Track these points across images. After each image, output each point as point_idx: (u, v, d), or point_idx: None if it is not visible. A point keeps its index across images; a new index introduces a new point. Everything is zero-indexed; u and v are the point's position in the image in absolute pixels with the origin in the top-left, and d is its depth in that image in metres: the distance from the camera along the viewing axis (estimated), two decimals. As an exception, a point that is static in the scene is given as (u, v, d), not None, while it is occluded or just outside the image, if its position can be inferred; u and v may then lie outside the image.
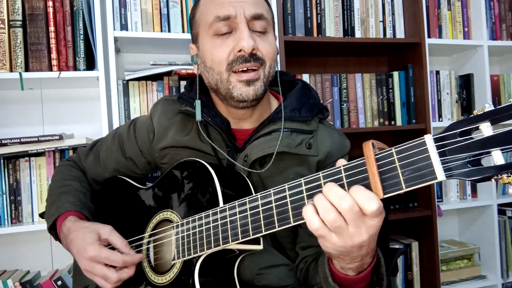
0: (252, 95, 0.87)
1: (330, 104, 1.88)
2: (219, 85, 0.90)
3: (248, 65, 0.86)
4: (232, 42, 0.86)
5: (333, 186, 0.60)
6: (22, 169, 1.53)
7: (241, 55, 0.85)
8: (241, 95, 0.87)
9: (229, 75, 0.87)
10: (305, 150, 0.92)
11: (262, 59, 0.88)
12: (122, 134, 1.08)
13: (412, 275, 1.97)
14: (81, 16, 1.52)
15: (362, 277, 0.72)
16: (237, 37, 0.86)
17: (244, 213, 0.73)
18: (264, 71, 0.89)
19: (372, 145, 0.59)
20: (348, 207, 0.58)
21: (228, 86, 0.88)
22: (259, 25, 0.88)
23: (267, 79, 0.90)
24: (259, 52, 0.87)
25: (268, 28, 0.91)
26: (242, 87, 0.87)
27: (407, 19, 1.96)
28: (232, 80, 0.87)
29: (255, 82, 0.87)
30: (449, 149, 0.53)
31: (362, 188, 0.58)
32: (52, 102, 1.71)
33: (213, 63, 0.89)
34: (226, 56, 0.87)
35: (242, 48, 0.84)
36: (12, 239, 1.65)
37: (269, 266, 0.92)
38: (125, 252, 0.87)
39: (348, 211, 0.58)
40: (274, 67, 0.92)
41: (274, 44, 0.93)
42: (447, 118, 2.06)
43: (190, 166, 0.88)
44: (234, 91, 0.88)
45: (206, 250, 0.77)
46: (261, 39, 0.88)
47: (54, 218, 0.96)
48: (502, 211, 2.12)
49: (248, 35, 0.85)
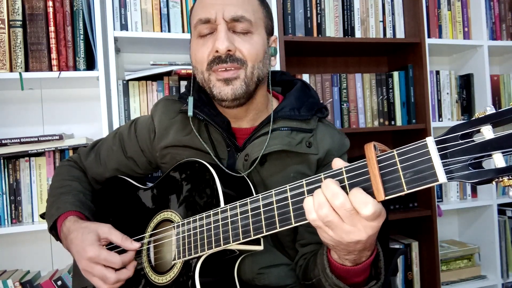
0: (230, 94, 0.88)
1: (330, 104, 1.88)
2: (204, 84, 0.93)
3: (225, 65, 0.87)
4: (211, 43, 0.89)
5: (329, 183, 0.61)
6: (22, 169, 1.53)
7: (217, 56, 0.87)
8: (220, 93, 0.89)
9: (209, 74, 0.90)
10: (305, 148, 0.93)
11: (241, 60, 0.88)
12: (123, 134, 1.09)
13: (412, 275, 1.97)
14: (81, 16, 1.51)
15: (360, 270, 0.72)
16: (214, 38, 0.88)
17: (245, 213, 0.73)
18: (245, 71, 0.89)
19: (373, 147, 0.59)
20: (339, 204, 0.60)
21: (209, 85, 0.91)
22: (240, 27, 0.89)
23: (249, 79, 0.90)
24: (238, 53, 0.88)
25: (253, 29, 0.90)
26: (220, 86, 0.89)
27: (407, 19, 1.96)
28: (212, 79, 0.90)
29: (234, 81, 0.88)
30: (451, 151, 0.53)
31: (360, 190, 0.59)
32: (52, 102, 1.71)
33: (196, 62, 0.92)
34: (206, 56, 0.89)
35: (217, 49, 0.86)
36: (12, 239, 1.65)
37: (270, 266, 0.92)
38: (126, 245, 0.88)
39: (339, 208, 0.60)
40: (260, 67, 0.92)
41: (260, 44, 0.91)
42: (447, 118, 2.06)
43: (191, 166, 0.89)
44: (214, 89, 0.90)
45: (206, 251, 0.77)
46: (241, 40, 0.89)
47: (54, 218, 0.96)
48: (502, 211, 2.12)
49: (223, 36, 0.86)
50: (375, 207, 0.58)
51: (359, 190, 0.59)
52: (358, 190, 0.59)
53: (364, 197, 0.58)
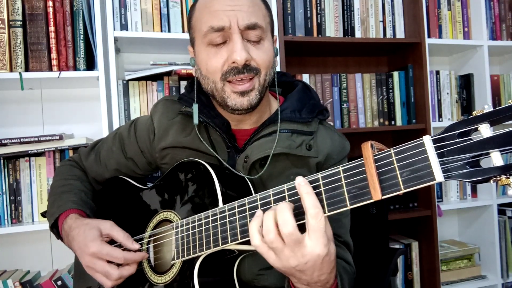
0: (246, 105, 0.88)
1: (330, 104, 1.88)
2: (214, 92, 0.91)
3: (242, 76, 0.86)
4: (226, 53, 0.86)
5: (284, 209, 0.63)
6: (22, 169, 1.53)
7: (234, 67, 0.86)
8: (235, 105, 0.88)
9: (224, 84, 0.88)
10: (305, 151, 0.92)
11: (256, 69, 0.88)
12: (123, 134, 1.09)
13: (412, 275, 1.97)
14: (81, 16, 1.52)
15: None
16: (231, 49, 0.85)
17: (244, 213, 0.73)
18: (259, 79, 0.89)
19: (371, 146, 0.59)
20: (288, 233, 0.62)
21: (223, 95, 0.89)
22: (253, 34, 0.87)
23: (262, 87, 0.90)
24: (253, 62, 0.87)
25: (264, 35, 0.90)
26: (236, 98, 0.88)
27: (407, 19, 1.96)
28: (227, 90, 0.88)
29: (250, 93, 0.88)
30: (448, 150, 0.53)
31: (286, 209, 0.63)
32: (52, 102, 1.71)
33: (208, 72, 0.89)
34: (220, 67, 0.87)
35: (235, 61, 0.85)
36: (12, 239, 1.65)
37: (269, 267, 0.92)
38: (127, 244, 0.88)
39: (287, 236, 0.63)
40: (270, 73, 0.92)
41: (270, 50, 0.92)
42: (447, 118, 2.06)
43: (190, 167, 0.89)
44: (228, 100, 0.88)
45: (205, 250, 0.77)
46: (255, 48, 0.88)
47: (55, 216, 0.96)
48: (502, 211, 2.12)
49: (241, 47, 0.84)
50: (294, 227, 0.62)
51: (283, 208, 0.64)
52: (283, 209, 0.64)
53: (287, 216, 0.63)
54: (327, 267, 0.66)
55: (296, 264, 0.64)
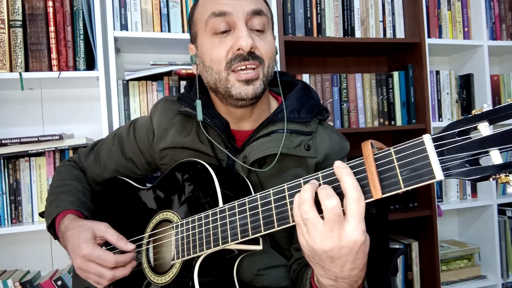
0: (251, 93, 0.87)
1: (330, 104, 1.88)
2: (218, 84, 0.90)
3: (247, 63, 0.85)
4: (231, 40, 0.86)
5: (327, 187, 0.61)
6: (22, 169, 1.53)
7: (239, 54, 0.85)
8: (240, 94, 0.87)
9: (228, 74, 0.87)
10: (304, 151, 0.92)
11: (261, 58, 0.88)
12: (122, 135, 1.09)
13: (412, 275, 1.97)
14: (81, 16, 1.52)
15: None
16: (236, 36, 0.85)
17: (244, 213, 0.73)
18: (263, 70, 0.89)
19: (371, 145, 0.59)
20: (332, 206, 0.59)
21: (226, 85, 0.88)
22: (257, 21, 0.87)
23: (266, 78, 0.90)
24: (257, 51, 0.87)
25: (267, 26, 0.90)
26: (241, 86, 0.87)
27: (407, 19, 1.96)
28: (231, 79, 0.87)
29: (255, 82, 0.87)
30: (447, 148, 0.53)
31: (328, 187, 0.61)
32: (52, 102, 1.71)
33: (212, 62, 0.88)
34: (225, 55, 0.86)
35: (240, 47, 0.84)
36: (12, 239, 1.65)
37: (268, 267, 0.92)
38: (121, 246, 0.88)
39: (330, 209, 0.59)
40: (273, 66, 0.92)
41: (273, 43, 0.92)
42: (447, 118, 2.06)
43: (190, 167, 0.88)
44: (232, 89, 0.87)
45: (205, 250, 0.77)
46: (259, 38, 0.88)
47: (53, 216, 0.96)
48: (502, 211, 2.12)
49: (246, 33, 0.85)
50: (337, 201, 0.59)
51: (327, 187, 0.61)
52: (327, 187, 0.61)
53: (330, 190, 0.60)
54: (361, 259, 0.62)
55: (330, 247, 0.60)
